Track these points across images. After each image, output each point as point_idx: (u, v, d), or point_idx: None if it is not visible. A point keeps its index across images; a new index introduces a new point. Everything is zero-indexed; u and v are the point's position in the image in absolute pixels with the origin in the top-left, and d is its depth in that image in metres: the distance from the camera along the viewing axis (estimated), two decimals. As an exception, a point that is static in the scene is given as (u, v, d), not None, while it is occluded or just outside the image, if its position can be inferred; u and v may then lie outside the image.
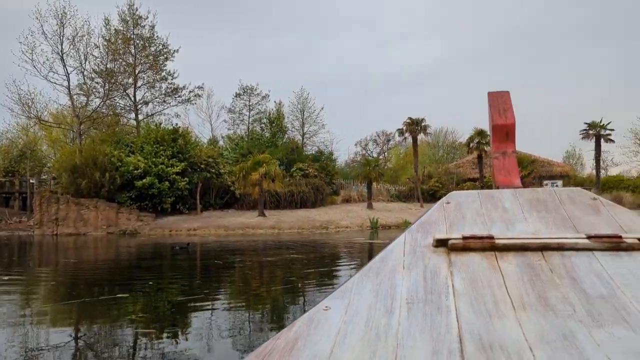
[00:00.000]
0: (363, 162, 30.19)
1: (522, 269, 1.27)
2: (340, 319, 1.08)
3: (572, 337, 0.95)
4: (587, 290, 1.15)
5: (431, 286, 1.21)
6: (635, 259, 1.29)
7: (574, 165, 42.73)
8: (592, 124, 30.34)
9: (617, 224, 1.53)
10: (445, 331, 0.99)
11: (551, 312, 1.06)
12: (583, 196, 1.75)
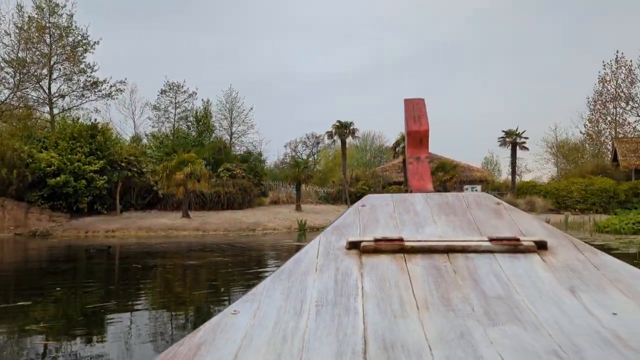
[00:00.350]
0: (292, 164, 30.11)
1: (429, 271, 1.31)
2: (248, 322, 1.07)
3: (469, 335, 0.99)
4: (486, 291, 1.20)
5: (341, 288, 1.22)
6: (530, 261, 1.36)
7: (491, 170, 45.06)
8: (509, 132, 32.12)
9: (517, 228, 1.60)
10: (351, 332, 1.00)
11: (452, 312, 1.09)
12: (488, 201, 1.82)
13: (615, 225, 19.07)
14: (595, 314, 1.09)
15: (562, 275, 1.29)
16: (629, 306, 1.12)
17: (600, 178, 28.88)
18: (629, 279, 1.26)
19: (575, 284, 1.24)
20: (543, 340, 0.97)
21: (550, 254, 1.41)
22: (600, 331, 1.00)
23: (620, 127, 37.04)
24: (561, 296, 1.18)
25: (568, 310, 1.11)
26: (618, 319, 1.06)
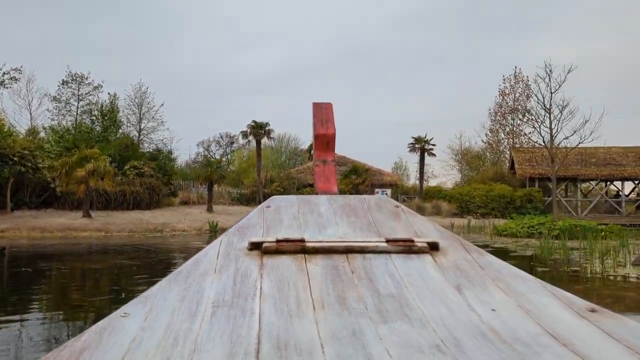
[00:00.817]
0: (204, 163, 29.23)
1: (327, 271, 1.34)
2: (139, 325, 1.04)
3: (360, 333, 1.02)
4: (380, 290, 1.25)
5: (240, 289, 1.23)
6: (423, 261, 1.42)
7: (401, 175, 46.70)
8: (418, 139, 33.44)
9: (413, 230, 1.66)
10: (245, 333, 1.01)
11: (346, 311, 1.12)
12: (388, 204, 1.88)
13: (512, 229, 20.42)
14: (477, 310, 1.16)
15: (450, 274, 1.37)
16: (507, 303, 1.21)
17: (499, 185, 30.88)
18: (509, 278, 1.35)
19: (462, 283, 1.32)
20: (428, 336, 1.02)
21: (441, 255, 1.48)
22: (480, 326, 1.08)
23: (517, 137, 39.91)
24: (448, 294, 1.25)
25: (453, 306, 1.18)
26: (496, 315, 1.14)
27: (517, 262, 10.52)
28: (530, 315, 1.14)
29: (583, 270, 9.01)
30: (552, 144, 23.45)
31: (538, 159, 32.10)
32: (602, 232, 19.18)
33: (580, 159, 30.85)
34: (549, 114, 23.08)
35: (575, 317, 1.14)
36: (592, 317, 1.13)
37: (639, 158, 31.79)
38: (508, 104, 41.03)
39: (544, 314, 1.15)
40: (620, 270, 8.79)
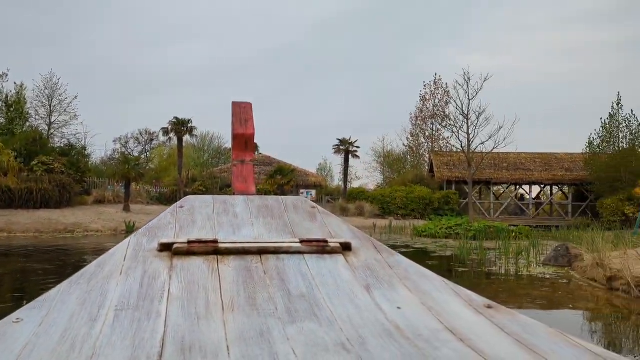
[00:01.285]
0: (122, 160, 27.76)
1: (240, 272, 1.35)
2: (32, 331, 1.00)
3: (268, 333, 1.03)
4: (292, 290, 1.26)
5: (147, 291, 1.20)
6: (335, 261, 1.45)
7: (325, 176, 47.10)
8: (343, 140, 33.84)
9: (327, 230, 1.69)
10: (149, 336, 0.98)
11: (256, 312, 1.13)
12: (305, 204, 1.91)
13: (432, 230, 21.12)
14: (383, 308, 1.20)
15: (360, 274, 1.40)
16: (412, 301, 1.25)
17: (419, 187, 31.91)
18: (415, 277, 1.41)
19: (371, 282, 1.35)
20: (334, 334, 1.04)
21: (353, 255, 1.51)
22: (385, 323, 1.11)
23: (437, 141, 41.58)
24: (357, 293, 1.28)
25: (361, 305, 1.21)
26: (401, 313, 1.18)
27: (438, 262, 10.81)
28: (432, 312, 1.20)
29: (499, 270, 9.40)
30: (469, 149, 24.57)
31: (455, 162, 33.52)
32: (513, 233, 20.33)
33: (493, 163, 32.52)
34: (466, 119, 24.17)
35: (473, 314, 1.21)
36: (488, 313, 1.22)
37: (545, 164, 34.04)
38: (428, 109, 42.60)
39: (445, 311, 1.21)
40: (533, 270, 9.25)
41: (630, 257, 7.28)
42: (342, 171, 37.02)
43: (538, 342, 1.06)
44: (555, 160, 34.29)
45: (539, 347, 1.04)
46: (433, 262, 10.76)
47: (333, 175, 51.83)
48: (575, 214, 32.25)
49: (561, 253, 10.28)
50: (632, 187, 27.30)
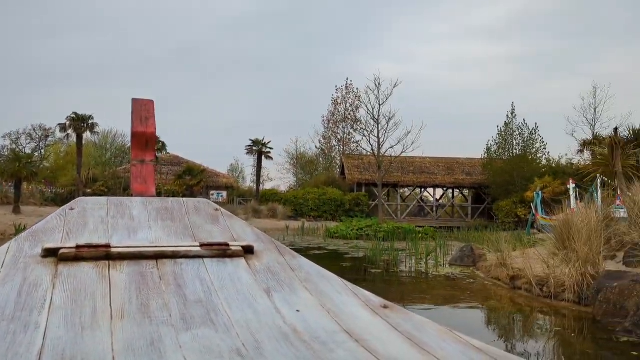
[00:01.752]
0: (12, 158, 25.34)
1: (133, 278, 1.29)
2: None
3: (160, 342, 0.99)
4: (189, 296, 1.23)
5: (25, 301, 1.13)
6: (236, 265, 1.43)
7: (237, 177, 46.28)
8: (256, 141, 33.41)
9: (230, 233, 1.67)
10: (25, 350, 0.93)
11: (148, 320, 1.09)
12: (207, 207, 1.87)
13: (343, 231, 21.39)
14: (282, 311, 1.20)
15: (262, 277, 1.39)
16: (311, 303, 1.25)
17: (331, 189, 32.29)
18: (316, 279, 1.41)
19: (272, 285, 1.35)
20: (230, 340, 1.03)
21: (255, 258, 1.50)
22: (282, 327, 1.11)
23: (348, 144, 42.38)
24: (257, 297, 1.27)
25: (260, 309, 1.20)
26: (299, 315, 1.18)
27: (351, 264, 10.88)
28: (331, 314, 1.21)
29: (410, 270, 9.63)
30: (380, 152, 25.23)
31: (366, 165, 34.32)
32: (420, 234, 21.13)
33: (401, 167, 33.70)
34: (377, 124, 24.81)
35: (370, 314, 1.23)
36: (384, 313, 1.24)
37: (447, 168, 35.84)
38: (340, 113, 43.30)
39: (343, 312, 1.22)
40: (441, 270, 9.57)
41: (532, 257, 7.73)
42: (254, 172, 36.59)
43: (428, 340, 1.12)
44: (457, 165, 36.22)
45: (429, 344, 1.10)
46: (346, 264, 10.81)
47: (245, 176, 51.13)
48: (474, 216, 34.27)
49: (466, 253, 10.75)
50: (524, 190, 29.51)
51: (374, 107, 25.18)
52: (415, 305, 6.12)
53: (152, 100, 2.24)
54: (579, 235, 6.91)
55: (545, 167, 32.11)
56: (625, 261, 6.33)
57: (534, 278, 6.57)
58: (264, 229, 23.94)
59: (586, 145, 27.80)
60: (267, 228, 23.84)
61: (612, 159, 11.22)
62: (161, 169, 31.43)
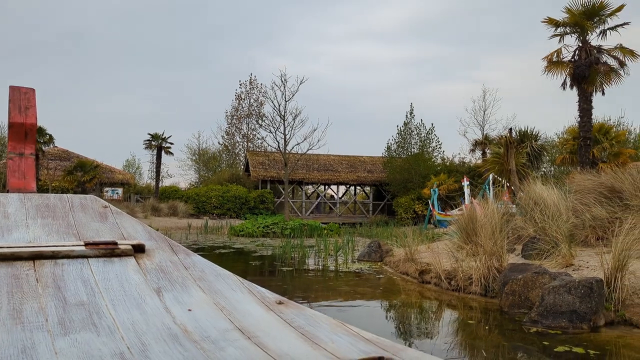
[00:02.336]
0: None
1: (4, 281, 1.20)
2: None
3: (33, 349, 0.92)
4: (69, 299, 1.16)
5: None
6: (125, 264, 1.37)
7: (133, 173, 43.89)
8: (155, 135, 31.87)
9: (119, 232, 1.60)
10: None
11: (20, 326, 1.02)
12: (95, 204, 1.78)
13: (249, 229, 21.00)
14: (173, 311, 1.17)
15: (152, 277, 1.34)
16: (204, 302, 1.23)
17: (235, 186, 31.65)
18: (211, 277, 1.38)
19: (163, 285, 1.30)
20: (113, 344, 0.98)
21: (146, 257, 1.45)
22: (172, 327, 1.08)
23: (252, 141, 41.85)
24: (146, 297, 1.22)
25: (149, 310, 1.16)
26: (191, 315, 1.16)
27: (260, 262, 10.63)
28: (223, 312, 1.20)
29: (320, 267, 9.58)
30: (286, 149, 25.12)
31: (271, 162, 34.10)
32: (325, 230, 21.35)
33: (305, 164, 33.91)
34: (283, 120, 24.66)
35: (264, 311, 1.22)
36: (278, 309, 1.24)
37: (350, 165, 36.68)
38: (244, 108, 42.63)
39: (237, 310, 1.22)
40: (351, 266, 9.63)
41: (438, 251, 7.99)
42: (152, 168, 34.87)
43: (320, 333, 1.13)
44: (359, 163, 37.19)
45: (320, 337, 1.11)
46: (255, 262, 10.53)
47: (142, 172, 48.68)
48: (375, 212, 35.43)
49: (373, 249, 10.93)
50: (421, 187, 31.00)
51: (280, 104, 25.01)
52: (325, 302, 6.04)
53: (33, 89, 2.08)
54: (484, 229, 7.24)
55: (440, 166, 33.96)
56: (524, 254, 6.73)
57: (442, 272, 6.77)
58: (164, 227, 22.82)
59: (478, 144, 29.77)
60: (167, 227, 22.79)
61: (507, 157, 12.00)
62: (48, 164, 28.90)
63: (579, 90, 13.76)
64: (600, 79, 13.37)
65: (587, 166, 12.99)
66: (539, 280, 5.22)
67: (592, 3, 13.39)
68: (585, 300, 4.54)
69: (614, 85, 13.27)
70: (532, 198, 8.33)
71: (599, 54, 13.59)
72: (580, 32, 13.85)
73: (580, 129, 14.03)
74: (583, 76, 13.28)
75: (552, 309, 4.64)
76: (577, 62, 13.71)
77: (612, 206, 7.42)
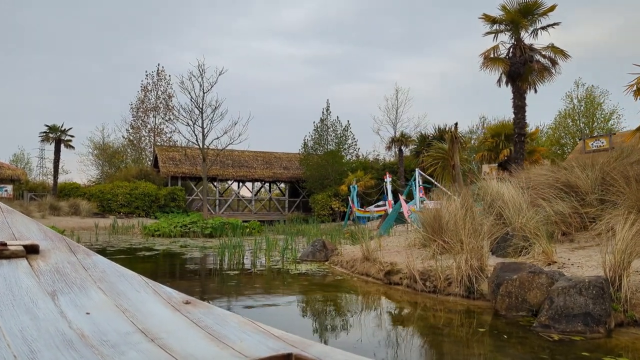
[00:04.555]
0: None
1: None
2: None
3: None
4: None
5: None
6: (14, 267, 1.30)
7: (23, 169, 39.69)
8: (53, 127, 28.84)
9: (9, 231, 1.53)
10: None
11: None
12: None
13: (165, 228, 19.52)
14: (69, 316, 1.10)
15: (47, 279, 1.29)
16: (105, 304, 1.19)
17: (144, 183, 29.54)
18: (113, 278, 1.35)
19: (59, 288, 1.25)
20: None
21: (40, 258, 1.39)
22: (67, 333, 1.02)
23: (160, 135, 39.45)
24: (38, 301, 1.16)
25: (41, 315, 1.09)
26: (89, 319, 1.10)
27: (199, 266, 9.61)
28: (126, 314, 1.15)
29: (267, 268, 8.79)
30: (204, 143, 23.76)
31: (181, 157, 32.35)
32: (247, 229, 20.42)
33: (219, 160, 32.63)
34: (201, 113, 23.27)
35: (170, 311, 1.19)
36: (185, 309, 1.21)
37: (266, 162, 35.86)
38: (150, 101, 40.14)
39: (141, 311, 1.17)
40: (302, 267, 8.96)
41: (392, 248, 7.56)
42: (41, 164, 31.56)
43: (228, 332, 1.11)
44: (274, 159, 36.49)
45: (228, 336, 1.09)
46: (191, 266, 9.50)
47: (32, 167, 44.24)
48: (291, 209, 34.97)
49: (318, 248, 10.32)
50: (338, 184, 30.98)
51: (198, 95, 23.55)
52: (298, 312, 5.38)
53: None
54: (454, 226, 6.90)
55: (356, 163, 34.21)
56: (500, 252, 6.45)
57: (418, 273, 6.31)
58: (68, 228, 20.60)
59: (394, 142, 30.28)
60: (71, 227, 20.62)
61: (451, 152, 11.95)
62: None
63: (513, 87, 14.19)
64: (534, 77, 13.88)
65: (521, 162, 13.40)
66: (536, 281, 4.90)
67: (526, 1, 13.87)
68: (599, 302, 4.25)
69: (547, 83, 13.87)
70: (490, 194, 8.18)
71: (532, 52, 14.10)
72: (515, 30, 14.28)
73: (515, 125, 14.47)
74: (518, 73, 13.71)
75: (564, 312, 4.31)
76: (512, 60, 14.11)
77: (571, 201, 7.43)
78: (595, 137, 23.95)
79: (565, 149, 34.83)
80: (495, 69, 14.00)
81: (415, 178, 17.70)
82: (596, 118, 35.63)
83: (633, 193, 6.20)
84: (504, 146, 19.61)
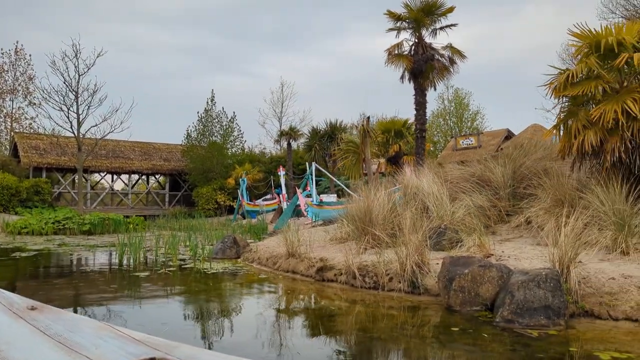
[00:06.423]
0: None
1: None
2: None
3: None
4: None
5: None
6: None
7: None
8: None
9: None
10: None
11: None
12: None
13: (34, 225, 17.28)
14: None
15: None
16: None
17: (2, 174, 25.96)
18: None
19: None
20: None
21: None
22: None
23: (18, 121, 35.02)
24: None
25: None
26: None
27: (97, 268, 8.47)
28: None
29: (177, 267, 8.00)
30: (79, 131, 21.44)
31: (47, 146, 29.04)
32: (130, 225, 18.87)
33: (91, 150, 29.92)
34: (77, 97, 20.94)
35: (12, 319, 1.09)
36: (30, 315, 1.12)
37: (144, 153, 33.59)
38: (7, 82, 35.46)
39: None
40: (216, 265, 8.32)
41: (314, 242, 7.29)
42: None
43: (81, 339, 1.03)
44: (154, 150, 34.35)
45: (82, 343, 1.00)
46: (88, 268, 8.34)
47: None
48: (172, 203, 33.18)
49: (228, 245, 9.69)
50: (224, 177, 30.03)
51: (72, 77, 21.12)
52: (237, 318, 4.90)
53: None
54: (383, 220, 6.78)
55: (242, 155, 33.44)
56: (437, 246, 6.45)
57: (357, 268, 6.08)
58: None
59: (283, 135, 30.07)
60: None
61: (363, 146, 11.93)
62: None
63: (415, 84, 14.66)
64: (434, 75, 14.47)
65: (422, 157, 13.89)
66: (487, 275, 4.91)
67: (428, 1, 14.40)
68: (557, 294, 4.34)
69: (446, 80, 14.53)
70: (410, 187, 8.24)
71: (432, 51, 14.67)
72: (416, 28, 14.76)
73: (417, 121, 14.98)
74: (420, 71, 14.19)
75: (525, 306, 4.34)
76: (415, 57, 14.57)
77: (487, 195, 7.73)
78: (465, 136, 25.98)
79: (437, 146, 37.39)
80: (400, 65, 14.42)
81: (312, 172, 17.64)
82: (464, 118, 38.75)
83: (554, 187, 6.57)
84: (393, 142, 20.34)
